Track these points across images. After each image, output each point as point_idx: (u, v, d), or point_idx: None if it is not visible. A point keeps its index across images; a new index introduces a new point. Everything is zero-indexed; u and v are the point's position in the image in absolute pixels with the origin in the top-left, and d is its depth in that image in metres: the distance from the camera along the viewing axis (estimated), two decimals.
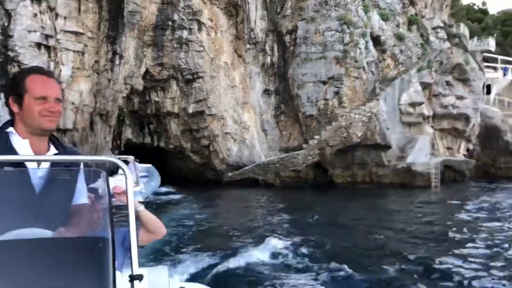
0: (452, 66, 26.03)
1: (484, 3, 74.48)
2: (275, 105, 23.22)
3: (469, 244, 9.18)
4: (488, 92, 38.04)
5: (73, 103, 18.84)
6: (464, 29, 36.95)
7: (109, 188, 1.80)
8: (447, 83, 25.49)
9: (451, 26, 35.98)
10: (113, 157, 1.84)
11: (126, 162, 20.50)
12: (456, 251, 8.49)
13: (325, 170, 21.34)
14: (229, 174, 21.92)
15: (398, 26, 25.60)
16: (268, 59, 23.29)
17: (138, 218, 2.34)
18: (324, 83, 21.28)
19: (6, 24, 16.71)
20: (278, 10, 22.93)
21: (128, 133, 24.21)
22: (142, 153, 22.69)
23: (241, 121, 22.81)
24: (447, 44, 27.82)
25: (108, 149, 21.85)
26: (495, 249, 8.74)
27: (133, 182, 18.55)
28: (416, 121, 23.97)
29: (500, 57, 40.43)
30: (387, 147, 20.69)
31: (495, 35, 41.79)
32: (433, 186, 19.89)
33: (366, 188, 20.10)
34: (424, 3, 28.00)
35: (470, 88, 26.50)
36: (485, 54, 38.95)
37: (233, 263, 7.30)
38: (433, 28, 27.60)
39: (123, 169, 1.72)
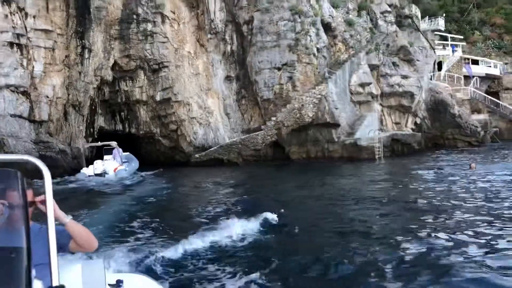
0: (397, 48, 28.37)
1: None
2: (236, 90, 25.20)
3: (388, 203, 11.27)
4: (440, 69, 40.84)
5: (47, 97, 20.43)
6: (415, 10, 39.39)
7: (24, 191, 1.68)
8: (393, 64, 27.87)
9: (403, 7, 38.33)
10: (30, 156, 1.70)
11: (111, 147, 22.96)
12: (372, 209, 10.59)
13: (283, 148, 23.58)
14: (196, 155, 23.95)
15: (348, 12, 27.70)
16: (228, 48, 25.15)
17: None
18: (279, 69, 23.33)
19: None
20: (235, 2, 24.67)
21: (100, 121, 25.80)
22: (114, 139, 24.55)
23: (205, 106, 24.75)
24: (394, 28, 30.10)
25: (82, 137, 23.51)
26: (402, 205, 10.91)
27: (118, 163, 20.87)
28: (365, 100, 26.33)
29: (449, 35, 43.22)
30: (336, 125, 22.97)
31: (443, 15, 44.26)
32: (377, 158, 22.39)
33: (319, 162, 22.47)
34: None
35: (414, 67, 28.95)
36: (436, 32, 41.57)
37: (177, 249, 7.04)
38: (381, 13, 29.74)
39: (41, 171, 1.64)
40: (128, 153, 23.60)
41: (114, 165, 20.85)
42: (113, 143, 22.75)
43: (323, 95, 22.41)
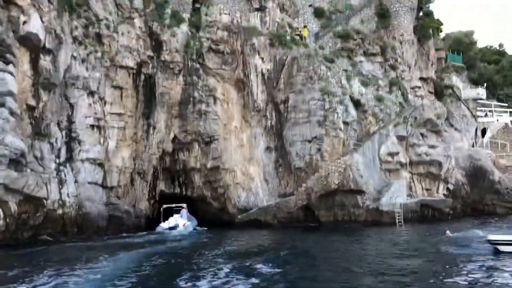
0: (424, 121, 30.76)
1: (501, 45, 77.66)
2: (274, 159, 28.87)
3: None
4: (484, 135, 42.09)
5: (117, 166, 25.34)
6: (456, 81, 41.65)
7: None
8: (421, 134, 30.24)
9: (442, 79, 40.82)
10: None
11: (180, 207, 27.72)
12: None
13: (313, 211, 26.50)
14: (239, 216, 27.54)
15: (378, 89, 30.93)
16: (268, 123, 29.19)
17: None
18: (309, 141, 26.77)
19: (70, 113, 23.63)
20: (274, 85, 28.97)
21: (161, 185, 30.35)
22: (173, 202, 29.09)
23: (248, 173, 28.58)
24: (425, 101, 32.68)
25: (145, 200, 28.15)
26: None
27: (186, 220, 25.50)
28: (394, 168, 28.74)
29: (493, 103, 44.58)
30: (360, 191, 25.61)
31: (485, 84, 45.76)
32: (397, 223, 24.48)
33: (345, 225, 24.98)
34: (404, 67, 33.24)
35: (442, 138, 31.00)
36: (479, 100, 43.14)
37: None
38: (412, 88, 32.62)
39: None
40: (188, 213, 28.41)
41: (183, 221, 26.27)
42: (183, 205, 28.32)
43: (348, 164, 25.43)
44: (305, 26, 31.49)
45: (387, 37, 33.62)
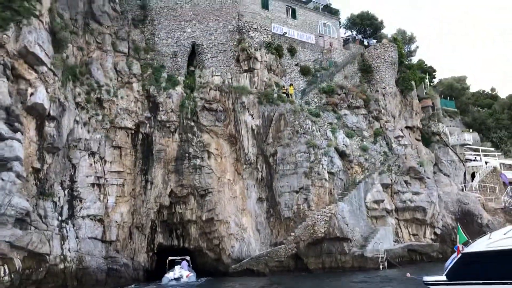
0: (407, 169, 32.38)
1: (493, 89, 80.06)
2: (266, 209, 30.32)
3: None
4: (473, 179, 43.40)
5: (116, 222, 26.96)
6: (443, 127, 43.56)
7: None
8: (406, 182, 31.76)
9: (429, 126, 42.75)
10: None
11: (182, 259, 29.07)
12: None
13: (302, 259, 27.63)
14: (233, 266, 28.72)
15: (362, 140, 32.81)
16: (260, 175, 30.89)
17: None
18: (297, 192, 28.34)
19: (72, 173, 25.59)
20: (264, 139, 30.91)
21: (159, 238, 31.73)
22: (171, 254, 30.46)
23: (241, 224, 30.00)
24: (408, 149, 34.40)
25: (143, 252, 29.53)
26: None
27: (188, 271, 26.78)
28: (380, 215, 30.07)
29: (480, 148, 46.25)
30: (346, 239, 26.82)
31: (470, 130, 47.58)
32: (381, 267, 25.54)
33: (332, 272, 26.09)
34: (388, 117, 35.26)
35: (425, 184, 32.47)
36: (467, 146, 44.81)
37: None
38: (395, 137, 34.46)
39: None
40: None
41: (186, 273, 27.60)
42: (187, 258, 30.07)
43: (333, 213, 26.86)
44: (291, 84, 33.89)
45: (370, 91, 35.92)
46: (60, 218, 23.53)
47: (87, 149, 26.40)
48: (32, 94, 22.47)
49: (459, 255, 11.27)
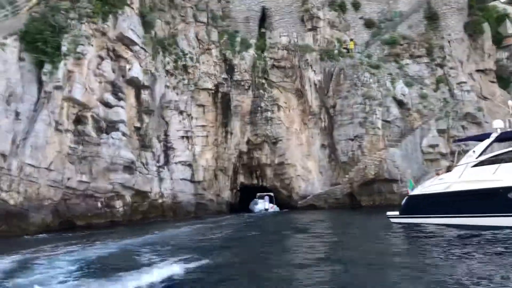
0: (464, 114, 33.61)
1: None
2: (328, 155, 34.52)
3: None
4: None
5: (202, 166, 33.41)
6: None
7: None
8: (462, 127, 33.25)
9: (508, 67, 42.16)
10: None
11: (269, 195, 35.72)
12: None
13: (355, 197, 31.69)
14: (299, 202, 34.00)
15: (422, 88, 34.63)
16: (322, 125, 34.89)
17: None
18: (352, 139, 31.97)
19: (166, 128, 32.15)
20: (325, 92, 34.56)
21: (241, 178, 37.96)
22: (253, 191, 36.74)
23: (306, 167, 34.79)
24: (471, 95, 35.24)
25: (227, 190, 35.97)
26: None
27: (271, 204, 33.62)
28: (435, 158, 32.42)
29: None
30: (395, 180, 30.10)
31: None
32: None
33: (382, 208, 29.86)
34: (453, 64, 36.11)
35: (483, 129, 33.53)
36: None
37: None
38: (458, 83, 35.41)
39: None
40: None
41: (270, 205, 35.08)
42: (271, 194, 37.27)
43: (383, 158, 30.32)
44: (351, 40, 36.42)
45: (436, 38, 36.85)
46: (157, 164, 30.41)
47: (176, 109, 32.63)
48: (129, 69, 28.82)
49: (406, 197, 15.11)
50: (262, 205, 35.88)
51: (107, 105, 26.81)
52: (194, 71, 34.49)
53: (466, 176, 13.98)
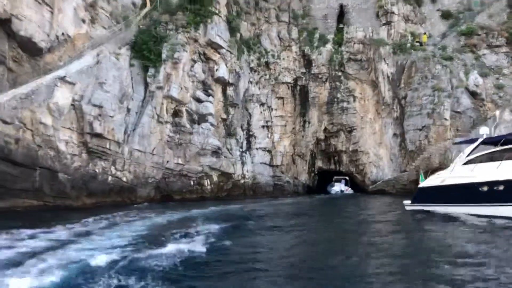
0: None
1: None
2: (399, 143, 36.46)
3: None
4: None
5: (280, 151, 37.70)
6: None
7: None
8: None
9: None
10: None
11: (345, 179, 39.65)
12: None
13: None
14: (370, 186, 36.71)
15: (498, 78, 34.74)
16: (395, 115, 36.87)
17: None
18: (420, 129, 33.61)
19: (249, 119, 36.90)
20: (397, 84, 36.38)
21: (319, 163, 41.61)
22: (330, 175, 40.32)
23: (378, 154, 37.25)
24: None
25: (304, 173, 39.88)
26: None
27: (346, 186, 37.93)
28: None
29: None
30: None
31: None
32: None
33: None
34: None
35: None
36: None
37: None
38: None
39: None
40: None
41: (346, 188, 39.71)
42: (346, 177, 41.65)
43: (448, 148, 31.80)
44: (424, 33, 37.49)
45: None
46: (241, 150, 35.35)
47: (258, 101, 37.19)
48: (217, 69, 33.91)
49: (417, 189, 17.93)
50: (338, 187, 39.52)
51: (199, 100, 32.14)
52: (275, 67, 38.60)
53: (456, 172, 16.41)
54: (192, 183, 31.40)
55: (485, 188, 14.65)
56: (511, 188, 13.60)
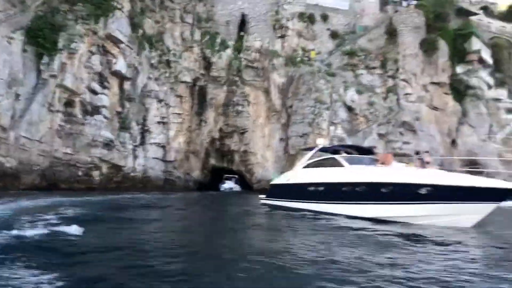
0: (402, 122, 38.52)
1: None
2: (283, 147, 40.04)
3: None
4: None
5: (174, 148, 39.37)
6: (479, 82, 46.99)
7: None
8: (400, 133, 38.21)
9: (464, 81, 46.61)
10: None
11: (234, 177, 41.91)
12: None
13: None
14: (255, 185, 39.79)
15: (371, 96, 39.62)
16: (283, 121, 40.30)
17: None
18: (301, 136, 37.30)
19: (145, 114, 38.04)
20: (286, 94, 39.89)
21: (213, 161, 43.89)
22: (222, 172, 42.71)
23: (265, 156, 40.44)
24: (416, 105, 40.08)
25: (197, 170, 41.93)
26: None
27: (236, 185, 39.87)
28: None
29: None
30: None
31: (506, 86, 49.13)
32: None
33: None
34: (405, 76, 40.84)
35: (417, 136, 38.46)
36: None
37: None
38: (404, 94, 40.20)
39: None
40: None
41: (234, 185, 43.18)
42: (236, 176, 44.78)
43: None
44: (313, 49, 41.45)
45: (391, 53, 41.59)
46: (134, 144, 36.45)
47: (156, 97, 38.49)
48: (115, 63, 34.70)
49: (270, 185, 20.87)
50: (228, 185, 42.07)
51: (94, 92, 32.75)
52: (176, 66, 40.17)
53: (297, 174, 19.62)
54: (80, 173, 31.96)
55: (312, 188, 17.77)
56: (328, 189, 16.74)
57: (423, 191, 13.27)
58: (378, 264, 7.36)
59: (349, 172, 16.09)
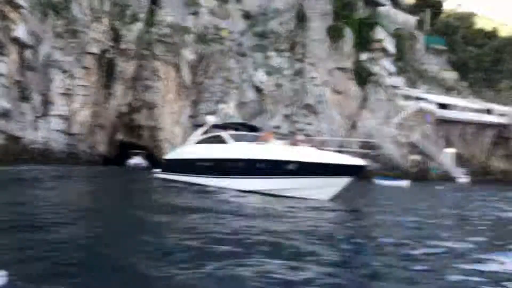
0: (306, 104, 40.95)
1: (495, 29, 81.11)
2: (192, 123, 40.75)
3: None
4: None
5: (79, 120, 38.45)
6: (380, 69, 50.57)
7: None
8: (303, 114, 40.61)
9: (367, 68, 49.91)
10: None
11: (142, 153, 41.42)
12: None
13: None
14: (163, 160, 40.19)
15: (279, 78, 41.35)
16: (192, 98, 40.85)
17: None
18: (206, 114, 38.43)
19: (48, 85, 36.64)
20: (196, 71, 40.41)
21: (120, 136, 43.40)
22: (131, 147, 42.33)
23: (174, 132, 40.85)
24: (320, 88, 42.57)
25: (103, 144, 41.32)
26: None
27: (144, 161, 39.35)
28: (278, 137, 39.70)
29: (416, 90, 53.08)
30: None
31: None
32: None
33: None
34: (312, 60, 43.04)
35: (318, 118, 41.15)
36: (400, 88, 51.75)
37: None
38: (310, 77, 42.49)
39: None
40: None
41: (142, 161, 41.17)
42: (143, 151, 42.73)
43: None
44: (224, 29, 42.17)
45: (300, 37, 43.45)
46: (36, 115, 35.12)
47: (60, 68, 37.15)
48: (14, 29, 32.97)
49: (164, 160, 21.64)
50: (135, 160, 41.89)
51: None
52: (83, 36, 38.87)
53: (189, 149, 20.69)
54: None
55: (201, 163, 18.89)
56: (217, 165, 17.90)
57: (290, 166, 14.75)
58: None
59: (232, 149, 17.29)
